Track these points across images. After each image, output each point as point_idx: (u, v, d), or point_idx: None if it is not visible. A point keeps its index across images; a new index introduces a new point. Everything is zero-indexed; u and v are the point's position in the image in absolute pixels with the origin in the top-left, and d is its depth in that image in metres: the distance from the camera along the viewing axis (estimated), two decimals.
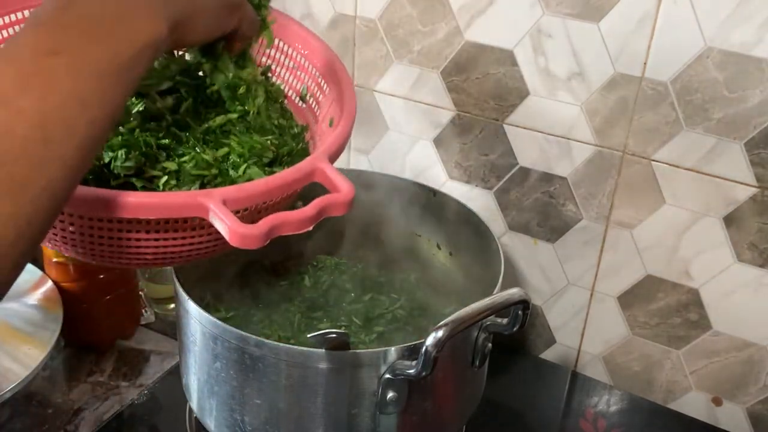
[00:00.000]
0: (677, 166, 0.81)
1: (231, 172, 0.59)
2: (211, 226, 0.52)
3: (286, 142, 0.64)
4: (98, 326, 0.91)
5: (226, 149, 0.60)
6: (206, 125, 0.60)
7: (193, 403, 0.75)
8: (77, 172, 0.41)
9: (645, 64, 0.78)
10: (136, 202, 0.50)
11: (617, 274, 0.89)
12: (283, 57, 0.73)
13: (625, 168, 0.83)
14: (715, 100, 0.76)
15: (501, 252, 0.76)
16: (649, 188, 0.83)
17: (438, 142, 0.93)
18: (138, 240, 0.54)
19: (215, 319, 0.66)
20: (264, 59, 0.72)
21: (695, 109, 0.77)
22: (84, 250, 0.56)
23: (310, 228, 0.53)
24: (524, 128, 0.87)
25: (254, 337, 0.65)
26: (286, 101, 0.70)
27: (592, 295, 0.92)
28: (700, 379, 0.89)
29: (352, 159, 1.01)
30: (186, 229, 0.54)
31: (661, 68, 0.77)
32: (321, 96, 0.71)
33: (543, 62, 0.83)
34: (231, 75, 0.60)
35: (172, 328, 0.93)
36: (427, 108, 0.92)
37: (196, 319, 0.69)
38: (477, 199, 0.93)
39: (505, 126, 0.88)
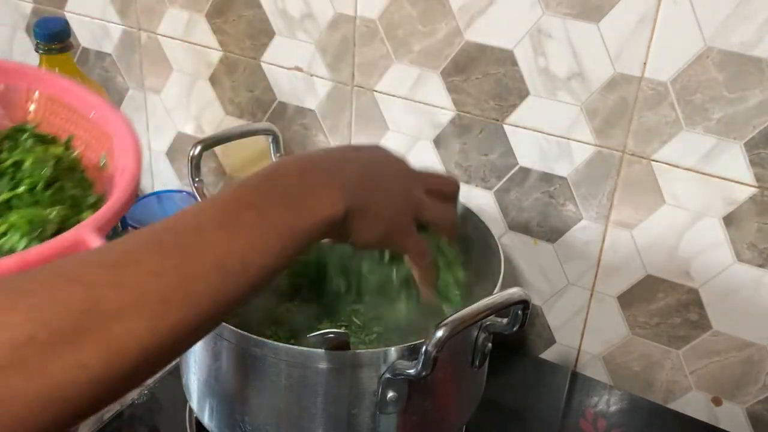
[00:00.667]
0: (677, 166, 0.81)
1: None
2: None
3: (80, 211, 0.65)
4: None
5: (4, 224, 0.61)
6: None
7: (193, 403, 0.75)
8: (228, 311, 0.47)
9: (645, 64, 0.78)
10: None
11: (617, 274, 0.89)
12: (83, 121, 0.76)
13: (625, 168, 0.83)
14: (715, 100, 0.76)
15: (501, 252, 0.76)
16: (649, 188, 0.83)
17: (438, 142, 0.93)
18: None
19: None
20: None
21: (695, 109, 0.77)
22: None
23: None
24: (524, 128, 0.87)
25: (254, 337, 0.65)
26: (85, 171, 0.71)
27: (592, 295, 0.92)
28: (700, 379, 0.89)
29: None
30: None
31: (661, 68, 0.77)
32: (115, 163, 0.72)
33: (543, 62, 0.83)
34: None
35: None
36: (427, 108, 0.92)
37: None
38: (477, 199, 0.93)
39: (505, 126, 0.88)
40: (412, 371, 0.62)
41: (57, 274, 0.42)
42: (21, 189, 0.65)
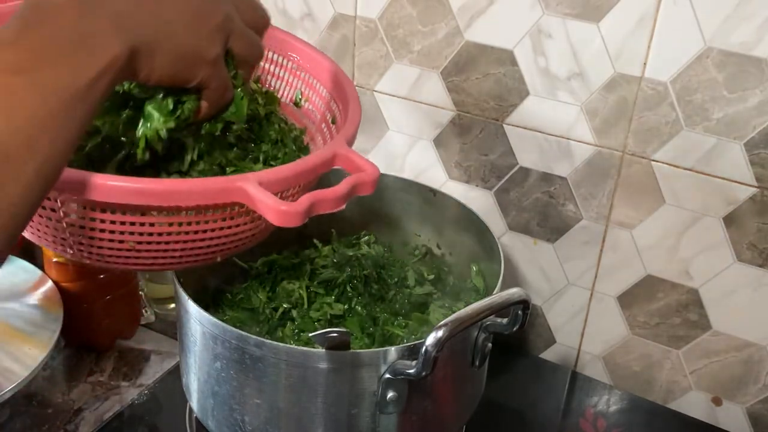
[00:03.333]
0: (677, 166, 0.81)
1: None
2: (244, 215, 0.53)
3: (286, 145, 0.65)
4: (98, 326, 0.91)
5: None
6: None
7: (193, 403, 0.75)
8: (37, 192, 0.41)
9: (645, 64, 0.78)
10: (171, 188, 0.50)
11: (617, 274, 0.89)
12: (274, 67, 0.74)
13: (625, 168, 0.83)
14: (715, 100, 0.76)
15: (501, 252, 0.76)
16: (648, 188, 0.83)
17: (438, 142, 0.93)
18: (169, 235, 0.54)
19: (215, 319, 0.66)
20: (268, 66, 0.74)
21: (695, 109, 0.77)
22: (111, 253, 0.55)
23: (343, 207, 0.54)
24: (524, 128, 0.87)
25: (254, 337, 0.65)
26: (279, 108, 0.71)
27: (592, 295, 0.92)
28: (699, 379, 0.89)
29: None
30: (217, 219, 0.54)
31: (661, 68, 0.77)
32: (317, 99, 0.72)
33: (543, 62, 0.83)
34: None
35: (172, 328, 0.93)
36: (427, 108, 0.92)
37: (196, 319, 0.69)
38: (477, 199, 0.93)
39: (505, 126, 0.88)
40: (412, 371, 0.62)
41: None
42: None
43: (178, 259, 0.57)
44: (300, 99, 0.73)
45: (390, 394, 0.65)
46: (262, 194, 0.51)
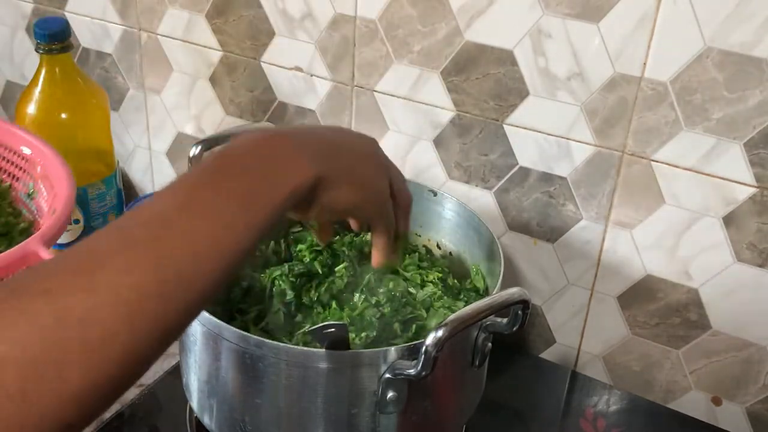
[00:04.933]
0: (677, 166, 0.81)
1: None
2: None
3: (12, 237, 0.71)
4: None
5: None
6: None
7: (193, 403, 0.75)
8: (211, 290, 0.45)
9: (645, 64, 0.78)
10: None
11: (617, 274, 0.89)
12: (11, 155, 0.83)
13: (625, 168, 0.83)
14: (715, 100, 0.76)
15: (501, 252, 0.76)
16: (648, 188, 0.83)
17: (438, 142, 0.93)
18: None
19: (215, 319, 0.66)
20: None
21: (695, 109, 0.77)
22: None
23: None
24: (524, 128, 0.87)
25: (254, 337, 0.65)
26: (12, 201, 0.79)
27: (591, 295, 0.92)
28: (699, 379, 0.89)
29: None
30: None
31: (661, 68, 0.77)
32: (45, 191, 0.78)
33: (543, 62, 0.83)
34: None
35: None
36: (427, 108, 0.92)
37: (196, 318, 0.69)
38: (477, 199, 0.93)
39: (505, 126, 0.88)
40: (412, 371, 0.63)
41: (21, 288, 0.40)
42: None
43: None
44: (33, 191, 0.78)
45: (390, 394, 0.65)
46: None
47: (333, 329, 0.62)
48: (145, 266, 0.41)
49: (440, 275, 0.85)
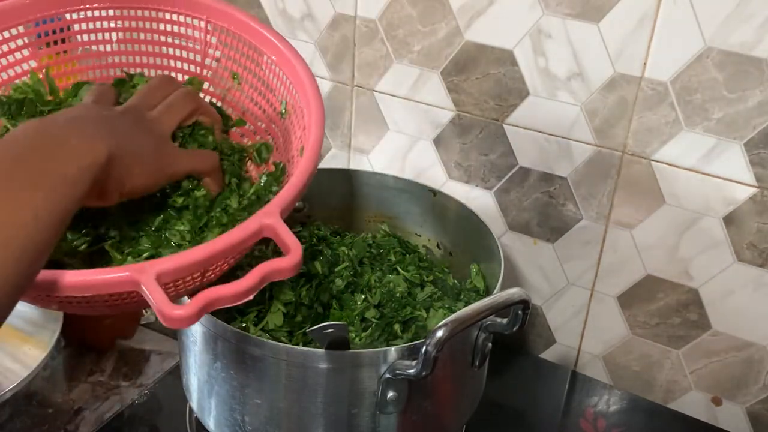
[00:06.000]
0: (677, 166, 0.81)
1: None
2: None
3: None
4: (98, 326, 0.91)
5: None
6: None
7: (193, 403, 0.75)
8: (29, 271, 0.46)
9: (645, 64, 0.78)
10: (72, 282, 0.49)
11: (617, 274, 0.89)
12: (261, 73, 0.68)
13: (625, 168, 0.83)
14: (715, 100, 0.76)
15: (501, 252, 0.76)
16: (648, 188, 0.83)
17: (438, 142, 0.93)
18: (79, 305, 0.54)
19: (215, 319, 0.66)
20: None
21: (695, 109, 0.77)
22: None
23: (251, 298, 0.50)
24: (524, 128, 0.87)
25: (254, 337, 0.65)
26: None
27: (592, 295, 0.92)
28: (699, 379, 0.89)
29: (353, 159, 1.01)
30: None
31: (661, 68, 0.77)
32: (295, 117, 0.65)
33: (543, 62, 0.83)
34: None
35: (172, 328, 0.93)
36: (427, 108, 0.92)
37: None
38: (477, 199, 0.93)
39: (505, 126, 0.88)
40: (412, 371, 0.63)
41: None
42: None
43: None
44: (285, 111, 0.67)
45: (390, 394, 0.65)
46: (151, 293, 0.47)
47: (333, 329, 0.62)
48: None
49: (440, 275, 0.85)
